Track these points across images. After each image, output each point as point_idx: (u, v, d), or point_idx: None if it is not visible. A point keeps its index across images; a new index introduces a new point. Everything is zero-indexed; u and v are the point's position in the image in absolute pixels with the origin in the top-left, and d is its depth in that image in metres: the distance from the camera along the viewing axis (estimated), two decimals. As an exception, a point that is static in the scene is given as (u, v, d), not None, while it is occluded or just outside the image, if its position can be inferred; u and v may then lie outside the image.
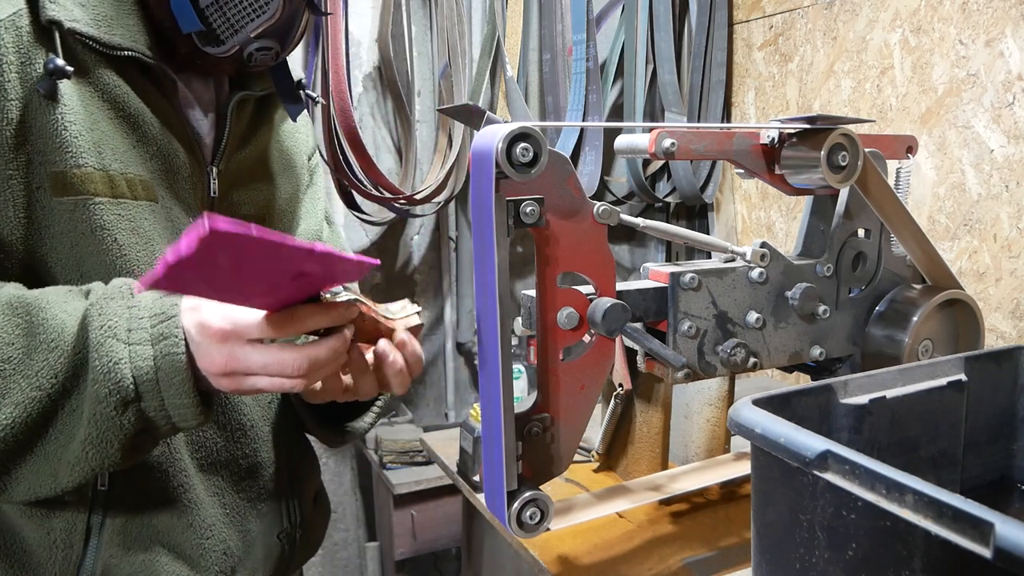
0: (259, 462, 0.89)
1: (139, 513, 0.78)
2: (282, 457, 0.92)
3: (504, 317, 0.74)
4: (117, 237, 0.74)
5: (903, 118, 1.80)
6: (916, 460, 0.78)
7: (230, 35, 0.78)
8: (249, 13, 0.78)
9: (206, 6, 0.77)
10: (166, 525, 0.80)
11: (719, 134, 0.88)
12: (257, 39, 0.79)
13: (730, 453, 1.20)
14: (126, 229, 0.75)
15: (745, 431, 0.64)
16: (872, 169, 0.93)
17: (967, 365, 0.82)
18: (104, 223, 0.73)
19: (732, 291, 0.92)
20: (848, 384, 0.74)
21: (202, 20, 0.77)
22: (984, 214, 1.63)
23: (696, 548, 1.00)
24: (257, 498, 0.88)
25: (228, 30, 0.78)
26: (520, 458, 0.79)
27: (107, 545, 0.76)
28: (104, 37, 0.73)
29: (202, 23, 0.77)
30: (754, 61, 2.30)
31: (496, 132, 0.72)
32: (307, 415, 0.91)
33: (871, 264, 1.01)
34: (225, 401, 0.86)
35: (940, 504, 0.48)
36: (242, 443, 0.87)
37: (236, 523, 0.86)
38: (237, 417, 0.87)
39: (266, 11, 0.78)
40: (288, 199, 0.95)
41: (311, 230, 1.00)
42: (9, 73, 0.69)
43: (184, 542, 0.80)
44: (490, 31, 2.15)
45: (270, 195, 0.92)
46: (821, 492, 0.58)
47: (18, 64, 0.70)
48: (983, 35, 1.61)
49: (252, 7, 0.78)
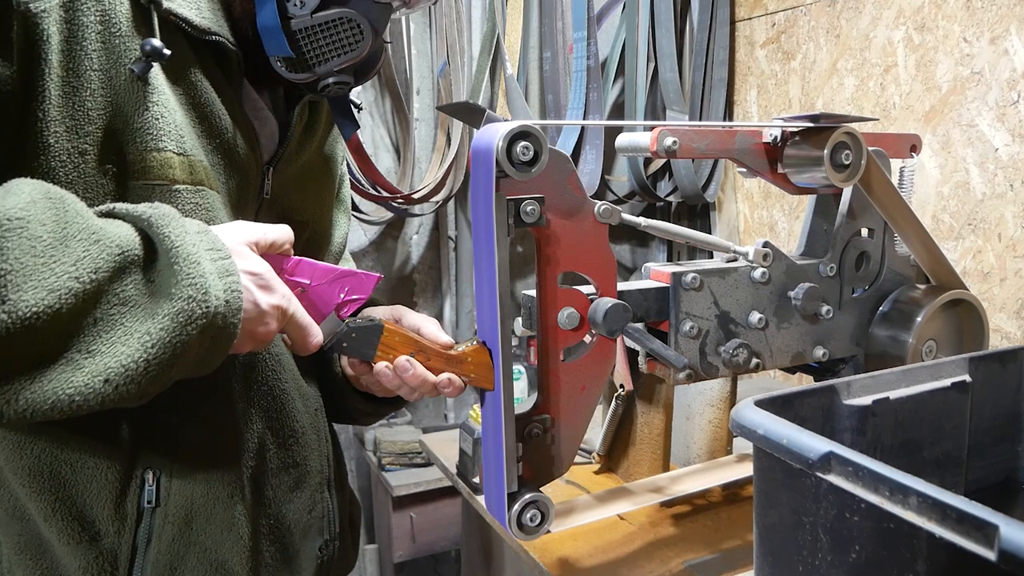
0: (308, 471, 0.87)
1: (187, 530, 0.76)
2: (327, 468, 0.91)
3: (504, 317, 0.74)
4: None
5: (907, 116, 1.80)
6: (920, 462, 0.78)
7: (315, 66, 0.79)
8: (338, 49, 0.79)
9: (298, 31, 0.77)
10: (214, 541, 0.78)
11: (721, 132, 0.88)
12: (338, 73, 0.80)
13: (732, 455, 1.20)
14: (203, 219, 0.73)
15: (747, 432, 0.65)
16: (876, 168, 0.93)
17: (971, 366, 0.82)
18: (181, 212, 0.71)
19: (734, 291, 0.92)
20: (851, 385, 0.74)
21: (291, 46, 0.77)
22: (988, 213, 1.63)
23: (698, 551, 1.00)
24: (302, 509, 0.87)
25: (314, 61, 0.79)
26: (520, 460, 0.79)
27: (153, 565, 0.74)
28: (195, 19, 0.72)
29: (291, 49, 0.77)
30: (756, 59, 2.30)
31: (496, 131, 0.72)
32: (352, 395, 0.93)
33: (874, 264, 1.01)
34: (280, 406, 0.84)
35: (944, 506, 0.48)
36: (294, 450, 0.86)
37: (278, 536, 0.85)
38: (290, 423, 0.85)
39: (355, 49, 0.79)
40: (329, 206, 0.97)
41: (343, 236, 1.02)
42: (95, 43, 0.67)
43: (231, 558, 0.79)
44: (490, 28, 2.15)
45: (317, 202, 0.93)
46: (824, 494, 0.58)
47: (105, 35, 0.67)
48: (987, 32, 1.61)
49: (344, 43, 0.78)
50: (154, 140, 0.70)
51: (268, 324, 0.68)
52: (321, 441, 0.90)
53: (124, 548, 0.73)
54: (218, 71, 0.77)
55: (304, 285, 0.74)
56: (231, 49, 0.76)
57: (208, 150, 0.76)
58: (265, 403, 0.83)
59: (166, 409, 0.74)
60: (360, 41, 0.79)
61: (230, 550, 0.78)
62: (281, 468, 0.85)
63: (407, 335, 0.78)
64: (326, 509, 0.90)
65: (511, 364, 0.76)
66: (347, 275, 0.76)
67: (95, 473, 0.72)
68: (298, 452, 0.86)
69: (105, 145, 0.68)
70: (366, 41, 0.79)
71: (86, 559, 0.72)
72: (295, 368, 0.87)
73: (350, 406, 0.95)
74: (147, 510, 0.74)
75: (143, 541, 0.74)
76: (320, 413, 0.91)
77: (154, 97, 0.70)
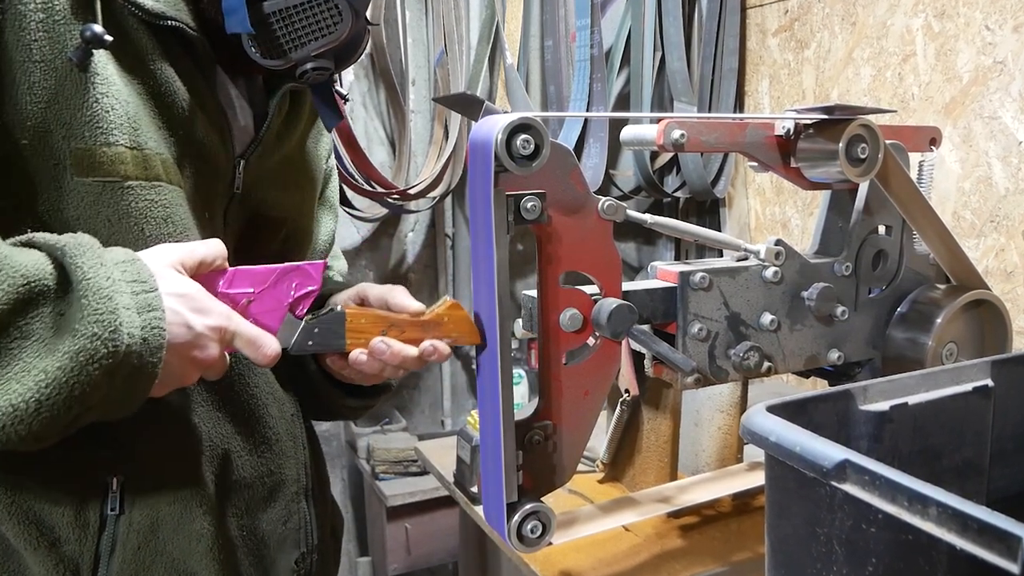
0: (283, 480, 0.87)
1: (153, 538, 0.76)
2: (304, 476, 0.90)
3: (503, 319, 0.74)
4: (145, 227, 0.72)
5: (926, 108, 1.80)
6: (940, 470, 0.78)
7: (291, 51, 0.78)
8: (315, 32, 0.77)
9: (271, 13, 0.76)
10: (182, 551, 0.77)
11: (731, 125, 0.88)
12: (316, 58, 0.79)
13: (743, 463, 1.20)
14: (159, 217, 0.72)
15: (759, 439, 0.65)
16: (893, 162, 0.93)
17: (994, 369, 0.82)
18: (134, 210, 0.71)
19: (745, 291, 0.92)
20: (868, 390, 0.74)
21: (262, 30, 0.76)
22: (1012, 210, 1.63)
23: (706, 563, 1.00)
24: (277, 520, 0.87)
25: (289, 46, 0.77)
26: (520, 468, 0.79)
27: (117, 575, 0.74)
28: (147, 3, 0.71)
29: (261, 33, 0.76)
30: (768, 48, 2.30)
31: (495, 123, 0.72)
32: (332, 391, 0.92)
33: (892, 263, 1.01)
34: (251, 412, 0.84)
35: (965, 517, 0.48)
36: (267, 458, 0.86)
37: (252, 548, 0.84)
38: (262, 431, 0.85)
39: (333, 31, 0.78)
40: (310, 203, 0.97)
41: (328, 233, 1.02)
42: (36, 32, 0.66)
43: (201, 570, 0.78)
44: (489, 16, 2.15)
45: (298, 197, 0.93)
46: (839, 504, 0.58)
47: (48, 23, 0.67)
48: (1011, 20, 1.61)
49: (321, 25, 0.77)
50: (104, 134, 0.69)
51: (206, 348, 0.67)
52: (298, 448, 0.90)
53: (87, 556, 0.73)
54: (186, 59, 0.76)
55: (248, 295, 0.73)
56: (193, 35, 0.75)
57: (170, 143, 0.75)
58: (233, 409, 0.83)
59: None
60: (339, 23, 0.77)
61: (199, 561, 0.78)
62: (254, 477, 0.84)
63: (375, 314, 0.77)
64: (303, 520, 0.90)
65: (510, 368, 0.76)
66: (290, 271, 0.74)
67: (53, 478, 0.72)
68: (272, 460, 0.86)
69: (50, 141, 0.68)
70: (345, 23, 0.77)
71: (45, 565, 0.72)
72: (269, 373, 0.87)
73: (334, 403, 0.94)
74: (111, 517, 0.74)
75: (107, 549, 0.74)
76: (297, 419, 0.91)
77: (103, 88, 0.69)
